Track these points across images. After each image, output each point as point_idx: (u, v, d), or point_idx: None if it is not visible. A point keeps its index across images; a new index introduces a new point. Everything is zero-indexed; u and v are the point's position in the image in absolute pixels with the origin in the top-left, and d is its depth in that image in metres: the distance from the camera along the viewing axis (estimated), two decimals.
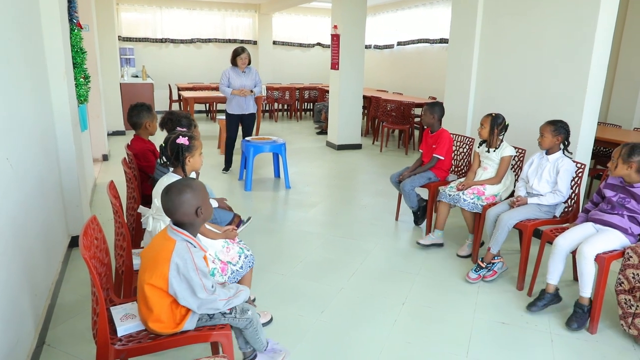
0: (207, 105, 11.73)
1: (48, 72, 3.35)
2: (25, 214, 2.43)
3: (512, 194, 3.69)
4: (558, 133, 3.25)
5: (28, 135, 2.64)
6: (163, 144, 2.47)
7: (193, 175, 2.63)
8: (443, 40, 9.74)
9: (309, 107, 12.75)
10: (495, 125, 3.66)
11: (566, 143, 3.30)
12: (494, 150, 3.71)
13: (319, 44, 13.70)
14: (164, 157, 2.47)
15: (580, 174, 3.37)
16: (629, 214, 2.81)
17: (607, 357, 2.54)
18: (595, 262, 2.70)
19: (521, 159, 3.89)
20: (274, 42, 13.13)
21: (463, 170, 4.42)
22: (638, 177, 2.77)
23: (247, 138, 5.80)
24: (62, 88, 3.44)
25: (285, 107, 12.21)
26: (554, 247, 2.89)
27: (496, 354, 2.55)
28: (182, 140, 2.41)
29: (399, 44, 11.52)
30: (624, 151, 2.76)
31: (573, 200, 3.39)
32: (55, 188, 3.35)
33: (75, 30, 4.07)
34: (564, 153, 3.31)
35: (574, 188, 3.37)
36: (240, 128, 6.15)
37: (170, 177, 2.42)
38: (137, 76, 9.88)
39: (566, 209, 3.43)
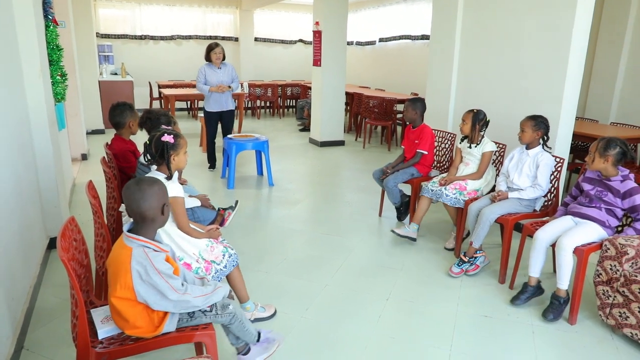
0: (189, 102, 11.61)
1: (23, 70, 3.27)
2: (0, 215, 2.37)
3: (493, 189, 3.74)
4: (538, 128, 3.30)
5: (1, 134, 2.57)
6: (148, 142, 2.43)
7: (176, 174, 2.59)
8: (424, 37, 9.80)
9: (291, 104, 12.71)
10: (477, 121, 3.69)
11: (545, 138, 3.35)
12: (476, 146, 3.75)
13: (301, 40, 13.65)
14: (148, 155, 2.43)
15: (559, 168, 3.42)
16: (607, 207, 2.86)
17: (586, 346, 2.59)
18: (574, 254, 2.75)
19: (502, 154, 3.94)
20: (256, 39, 13.05)
21: (445, 166, 4.46)
22: (614, 171, 2.83)
23: (229, 135, 5.75)
24: (38, 86, 3.36)
25: (268, 104, 12.16)
26: (534, 241, 2.94)
27: (479, 346, 2.58)
28: (168, 138, 2.37)
29: (381, 40, 11.55)
30: (600, 145, 2.81)
31: (552, 194, 3.45)
32: (32, 188, 3.27)
33: (51, 27, 3.98)
34: (543, 148, 3.36)
35: (553, 182, 3.43)
36: (220, 126, 6.10)
37: (155, 176, 2.38)
38: (116, 74, 9.72)
39: (546, 203, 3.49)
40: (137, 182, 1.82)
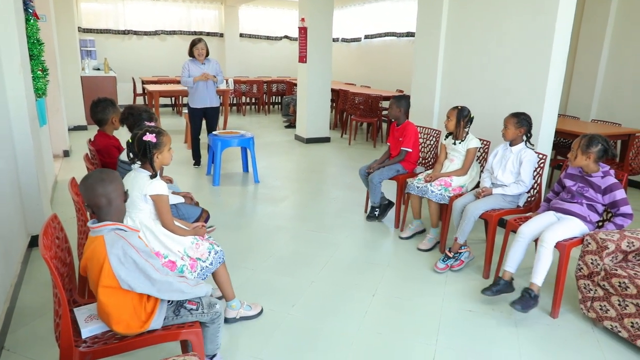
0: (173, 99, 11.49)
1: (2, 65, 3.20)
2: None
3: (477, 185, 3.78)
4: (521, 125, 3.34)
5: None
6: (130, 140, 2.40)
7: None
8: (410, 34, 9.83)
9: (277, 101, 12.66)
10: (461, 118, 3.72)
11: (528, 135, 3.39)
12: (460, 142, 3.78)
13: (286, 36, 13.59)
14: (131, 154, 2.40)
15: (542, 165, 3.47)
16: (588, 203, 2.91)
17: (568, 339, 2.64)
18: (556, 249, 2.79)
19: (486, 150, 3.98)
20: (241, 35, 12.95)
21: (430, 162, 4.49)
22: (596, 167, 2.88)
23: (214, 132, 5.71)
24: (18, 81, 3.29)
25: (253, 100, 12.09)
26: (518, 235, 2.97)
27: (464, 340, 2.61)
28: (149, 137, 2.34)
29: (367, 37, 11.56)
30: (583, 142, 2.86)
31: (535, 190, 3.50)
32: (13, 185, 3.21)
33: (32, 21, 3.90)
34: (526, 144, 3.40)
35: (536, 178, 3.47)
36: (204, 122, 6.05)
37: (139, 174, 2.35)
38: (99, 69, 9.56)
39: (529, 199, 3.54)
40: (97, 170, 1.89)
